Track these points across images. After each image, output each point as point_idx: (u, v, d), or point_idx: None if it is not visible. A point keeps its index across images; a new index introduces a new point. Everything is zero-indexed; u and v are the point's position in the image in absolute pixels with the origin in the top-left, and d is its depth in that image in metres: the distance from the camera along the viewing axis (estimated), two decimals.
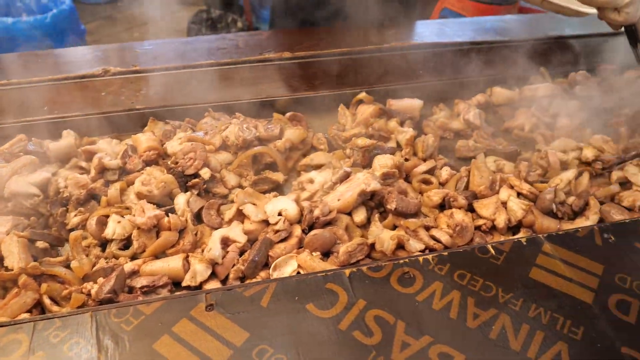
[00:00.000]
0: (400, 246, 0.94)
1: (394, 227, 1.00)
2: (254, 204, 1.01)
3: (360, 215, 1.00)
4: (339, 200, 1.00)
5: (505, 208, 1.02)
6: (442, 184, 1.12)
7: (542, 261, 0.86)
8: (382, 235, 0.95)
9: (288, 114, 1.26)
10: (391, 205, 0.99)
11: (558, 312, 0.78)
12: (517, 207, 1.01)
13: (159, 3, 1.54)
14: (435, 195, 1.04)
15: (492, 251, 0.87)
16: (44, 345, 0.70)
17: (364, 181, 1.00)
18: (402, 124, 1.28)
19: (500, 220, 1.00)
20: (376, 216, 1.00)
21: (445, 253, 0.87)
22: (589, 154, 1.10)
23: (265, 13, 3.91)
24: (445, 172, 1.12)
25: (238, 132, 1.16)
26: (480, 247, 0.88)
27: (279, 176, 1.12)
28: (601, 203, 1.05)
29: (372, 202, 1.04)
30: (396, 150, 1.19)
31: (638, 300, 0.81)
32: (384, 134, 1.23)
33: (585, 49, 1.66)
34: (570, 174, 1.07)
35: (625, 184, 1.11)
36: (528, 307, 0.79)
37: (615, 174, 1.10)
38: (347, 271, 0.83)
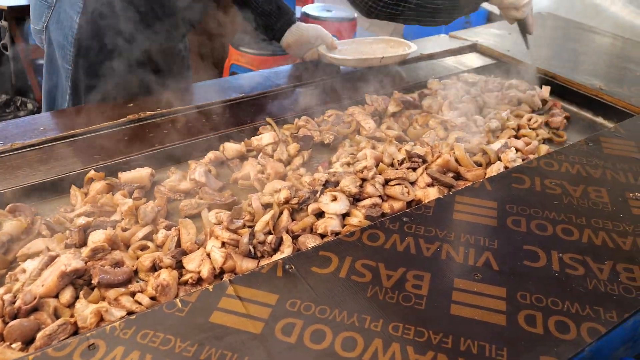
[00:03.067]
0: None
1: (104, 299, 1.04)
2: None
3: (65, 296, 1.03)
4: (42, 285, 1.03)
5: (210, 258, 1.11)
6: (160, 247, 1.19)
7: (224, 304, 0.95)
8: (85, 312, 0.99)
9: (8, 207, 1.26)
10: (94, 280, 1.03)
11: (227, 349, 0.86)
12: (218, 256, 1.10)
13: None
14: (145, 259, 1.10)
15: (179, 304, 0.94)
16: None
17: (64, 262, 1.03)
18: (130, 194, 1.34)
19: (205, 271, 1.09)
20: (81, 293, 1.04)
21: (133, 316, 0.92)
22: (281, 195, 1.23)
23: None
24: (160, 235, 1.19)
25: None
26: (168, 303, 0.95)
27: None
28: (298, 236, 1.18)
29: (82, 279, 1.07)
30: (117, 223, 1.24)
31: (302, 320, 0.92)
32: (109, 208, 1.28)
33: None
34: (267, 215, 1.19)
35: (322, 214, 1.25)
36: (201, 351, 0.86)
37: (311, 207, 1.24)
38: (31, 357, 0.85)
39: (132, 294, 1.04)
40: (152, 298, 1.04)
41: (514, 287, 1.01)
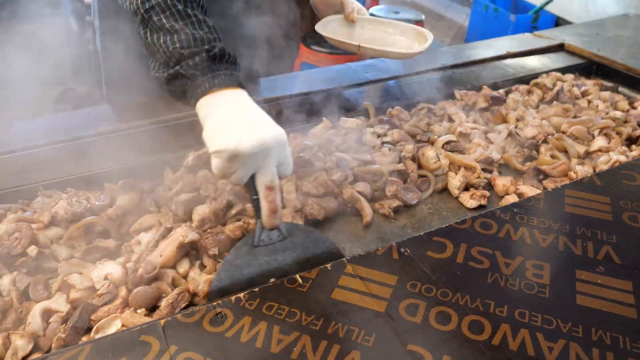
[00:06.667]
0: None
1: None
2: (80, 273, 1.03)
3: (184, 266, 1.05)
4: (161, 256, 1.05)
5: None
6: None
7: (344, 282, 0.95)
8: (198, 278, 1.01)
9: (120, 182, 1.30)
10: (212, 251, 1.05)
11: (353, 324, 0.87)
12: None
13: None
14: None
15: (300, 280, 0.95)
16: None
17: (181, 234, 1.06)
18: None
19: None
20: (197, 263, 1.06)
21: (257, 289, 0.94)
22: None
23: None
24: None
25: (67, 207, 1.18)
26: (289, 278, 0.96)
27: (109, 243, 1.15)
28: None
29: (196, 250, 1.09)
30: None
31: (424, 302, 0.91)
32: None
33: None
34: None
35: None
36: (327, 325, 0.87)
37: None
38: (163, 321, 0.87)
39: None
40: None
41: None
